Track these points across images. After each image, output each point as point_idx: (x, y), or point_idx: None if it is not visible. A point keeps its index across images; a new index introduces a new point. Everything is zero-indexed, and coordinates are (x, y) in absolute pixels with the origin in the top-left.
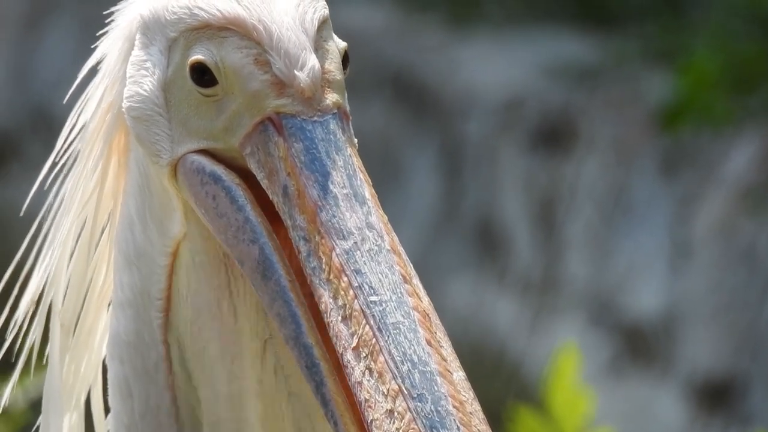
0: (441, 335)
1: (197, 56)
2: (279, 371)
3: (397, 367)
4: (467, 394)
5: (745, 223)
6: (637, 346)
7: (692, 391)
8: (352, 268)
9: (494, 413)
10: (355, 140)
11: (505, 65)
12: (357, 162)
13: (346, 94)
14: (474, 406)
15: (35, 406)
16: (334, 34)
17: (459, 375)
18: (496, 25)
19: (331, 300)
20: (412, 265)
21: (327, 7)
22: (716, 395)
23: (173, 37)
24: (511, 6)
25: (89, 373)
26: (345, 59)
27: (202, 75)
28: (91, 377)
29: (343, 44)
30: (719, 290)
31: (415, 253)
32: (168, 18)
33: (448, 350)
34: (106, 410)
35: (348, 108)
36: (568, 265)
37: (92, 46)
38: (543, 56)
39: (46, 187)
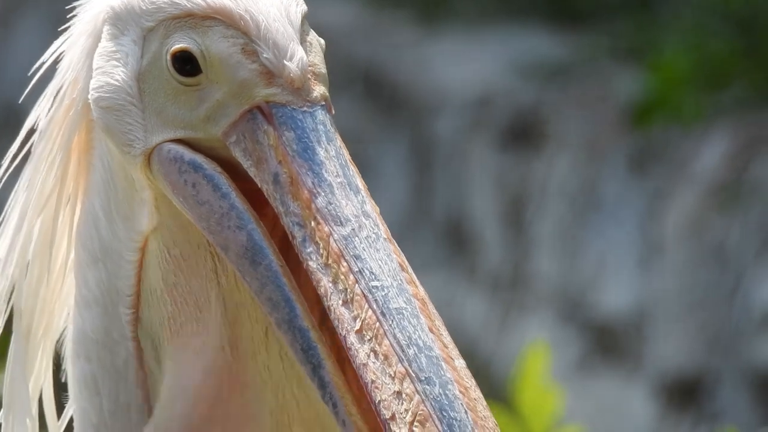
0: (439, 324)
1: (180, 45)
2: (285, 356)
3: (403, 351)
4: (470, 381)
5: (716, 220)
6: (607, 343)
7: (662, 388)
8: (351, 253)
9: None
10: None
11: (475, 63)
12: (347, 153)
13: None
14: (477, 393)
15: None
16: (312, 30)
17: (461, 362)
18: (467, 23)
19: (330, 284)
20: (404, 256)
21: (304, 2)
22: (686, 393)
23: (149, 26)
24: (481, 3)
25: (42, 374)
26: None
27: (185, 64)
28: (43, 378)
29: (322, 41)
30: (689, 288)
31: None
32: (144, 8)
33: (447, 338)
34: (59, 411)
35: None
36: (538, 262)
37: (57, 43)
38: (513, 54)
39: (1, 187)
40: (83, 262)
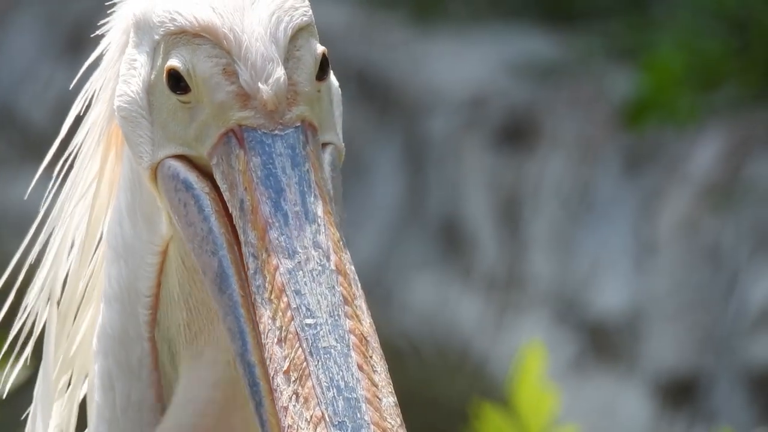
0: (377, 359)
1: (172, 62)
2: None
3: (323, 393)
4: (393, 420)
5: (709, 220)
6: (602, 343)
7: (657, 388)
8: (292, 288)
9: (459, 411)
10: (342, 146)
11: (469, 63)
12: (314, 177)
13: (323, 103)
14: None
15: (6, 401)
16: (314, 40)
17: (388, 401)
18: (461, 23)
19: (270, 320)
20: (359, 285)
21: (308, 14)
22: (681, 393)
23: (157, 39)
24: (475, 4)
25: (88, 365)
26: (324, 63)
27: (178, 81)
28: (90, 369)
29: (320, 50)
30: (683, 287)
31: (379, 251)
32: (154, 20)
33: (381, 375)
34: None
35: (321, 119)
36: (532, 262)
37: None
38: (507, 54)
39: (54, 176)
40: (108, 258)
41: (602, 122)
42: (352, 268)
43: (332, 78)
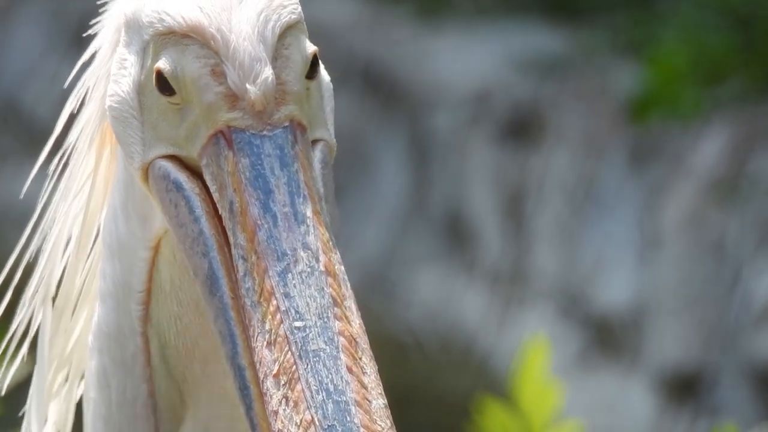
0: (367, 360)
1: (161, 63)
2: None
3: (312, 397)
4: (383, 422)
5: (714, 214)
6: (606, 338)
7: (661, 383)
8: (281, 291)
9: (463, 405)
10: (334, 142)
11: (474, 58)
12: (303, 177)
13: (313, 100)
14: None
15: (5, 398)
16: (303, 38)
17: (378, 403)
18: (466, 18)
19: (259, 324)
20: (348, 286)
21: (296, 11)
22: (685, 387)
23: (147, 40)
24: None
25: (84, 363)
26: (314, 62)
27: (166, 82)
28: (86, 367)
29: (311, 49)
30: (688, 282)
31: (383, 245)
32: (144, 21)
33: (371, 376)
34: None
35: (311, 117)
36: (537, 257)
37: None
38: (512, 49)
39: (49, 172)
40: (103, 255)
41: (607, 117)
42: (342, 268)
43: (323, 73)
